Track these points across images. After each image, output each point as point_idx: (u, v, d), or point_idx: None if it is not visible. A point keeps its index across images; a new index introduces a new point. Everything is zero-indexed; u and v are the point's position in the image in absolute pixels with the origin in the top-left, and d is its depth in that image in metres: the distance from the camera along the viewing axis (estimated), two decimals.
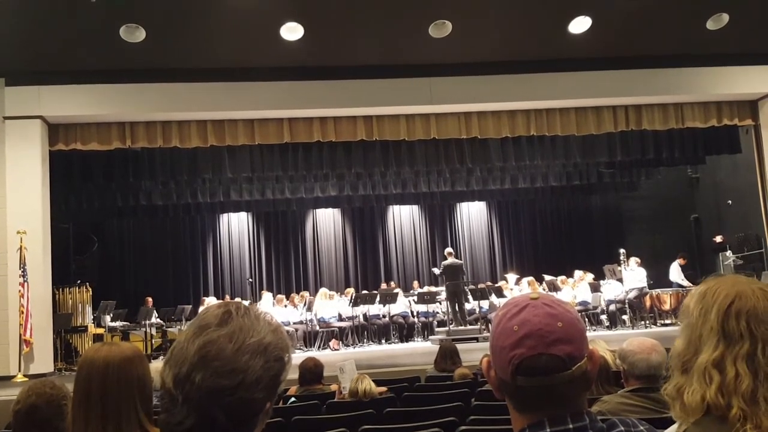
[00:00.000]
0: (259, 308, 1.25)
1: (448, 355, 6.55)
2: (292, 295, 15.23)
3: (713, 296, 1.36)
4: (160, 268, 17.18)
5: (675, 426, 1.42)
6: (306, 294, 14.97)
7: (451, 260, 13.67)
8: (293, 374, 5.70)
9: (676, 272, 14.40)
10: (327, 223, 18.43)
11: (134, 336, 13.34)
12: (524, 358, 1.16)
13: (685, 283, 14.01)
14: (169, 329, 13.89)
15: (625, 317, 13.77)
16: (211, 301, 13.88)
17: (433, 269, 15.28)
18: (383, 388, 5.17)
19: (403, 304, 14.50)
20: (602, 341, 4.77)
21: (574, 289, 14.37)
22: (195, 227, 17.81)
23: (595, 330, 13.39)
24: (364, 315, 14.05)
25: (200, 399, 1.12)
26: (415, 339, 14.19)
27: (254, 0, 9.83)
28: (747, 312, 1.31)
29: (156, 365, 3.68)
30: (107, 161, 12.02)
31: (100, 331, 12.78)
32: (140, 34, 10.15)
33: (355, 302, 13.76)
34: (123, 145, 11.34)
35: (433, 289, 15.25)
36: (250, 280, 17.28)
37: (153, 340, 13.45)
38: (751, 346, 1.29)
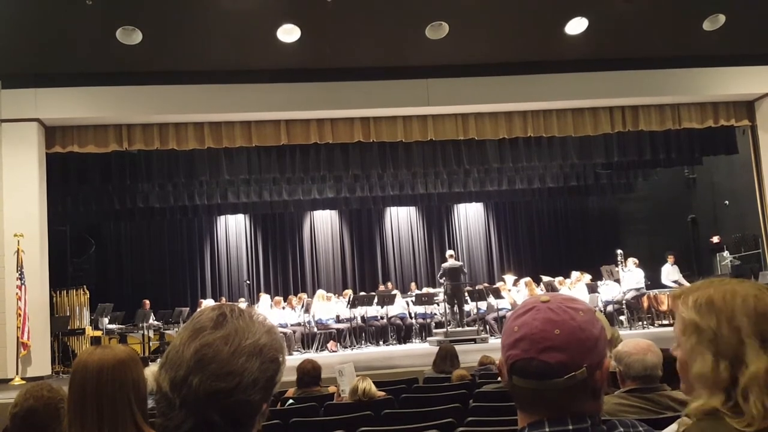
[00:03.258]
0: (253, 310, 1.25)
1: (447, 357, 6.54)
2: (289, 296, 15.21)
3: (727, 303, 1.28)
4: (157, 270, 17.16)
5: (674, 426, 1.42)
6: (304, 296, 14.95)
7: (450, 262, 13.67)
8: (291, 376, 5.70)
9: (674, 273, 14.38)
10: (324, 224, 18.43)
11: (132, 338, 13.33)
12: (517, 359, 1.17)
13: (684, 282, 14.00)
14: (167, 332, 13.88)
15: (622, 318, 13.77)
16: (208, 303, 13.86)
17: (438, 277, 15.01)
18: (381, 393, 5.15)
19: (400, 306, 14.49)
20: (616, 332, 4.75)
21: (571, 290, 14.35)
22: (192, 229, 17.80)
23: None
24: (362, 317, 14.04)
25: (198, 402, 1.12)
26: (413, 340, 14.18)
27: (251, 2, 9.83)
28: None
29: (151, 369, 3.67)
30: (104, 164, 11.99)
31: (98, 333, 12.75)
32: (137, 37, 10.14)
33: (353, 304, 13.75)
34: (120, 147, 11.33)
35: (431, 290, 15.24)
36: (248, 282, 17.27)
37: (150, 343, 13.43)
38: None
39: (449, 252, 14.39)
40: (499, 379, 1.31)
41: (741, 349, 1.24)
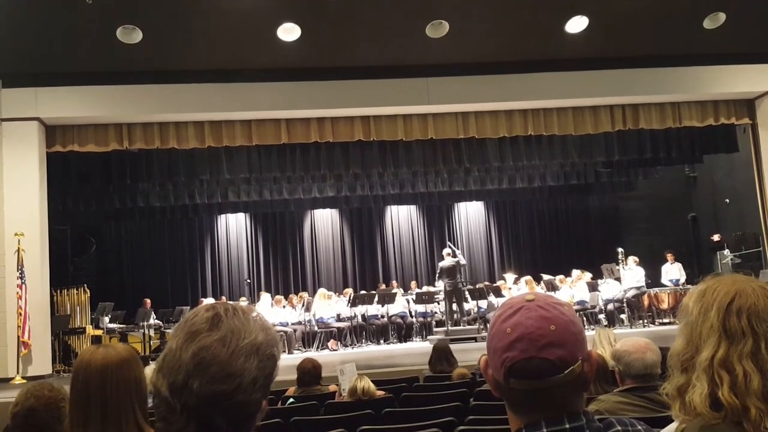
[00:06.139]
0: (246, 306, 1.24)
1: (443, 356, 6.49)
2: (290, 295, 15.22)
3: (713, 294, 1.36)
4: (158, 269, 17.16)
5: (673, 425, 1.42)
6: (304, 294, 14.96)
7: (447, 260, 13.68)
8: (292, 375, 5.70)
9: (674, 271, 14.38)
10: (325, 223, 18.42)
11: (132, 337, 13.33)
12: (516, 361, 1.15)
13: (684, 280, 13.98)
14: (168, 331, 13.87)
15: (623, 316, 13.77)
16: (209, 302, 13.85)
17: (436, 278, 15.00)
18: (381, 392, 5.15)
19: (401, 305, 14.49)
20: (611, 333, 4.77)
21: (572, 288, 14.37)
22: (193, 228, 17.80)
23: (593, 329, 13.37)
24: (363, 315, 14.04)
25: (199, 405, 1.12)
26: (414, 339, 14.18)
27: (251, 1, 9.83)
28: (747, 309, 1.31)
29: (152, 368, 3.67)
30: (104, 163, 11.99)
31: (98, 332, 12.76)
32: (137, 36, 10.14)
33: (354, 302, 13.75)
34: (120, 146, 11.33)
35: (432, 289, 15.24)
36: (248, 281, 17.27)
37: (151, 342, 13.44)
38: (754, 343, 1.29)
39: (446, 250, 14.37)
40: None
41: (703, 338, 1.33)
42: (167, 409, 1.14)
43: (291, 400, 5.21)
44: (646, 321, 13.68)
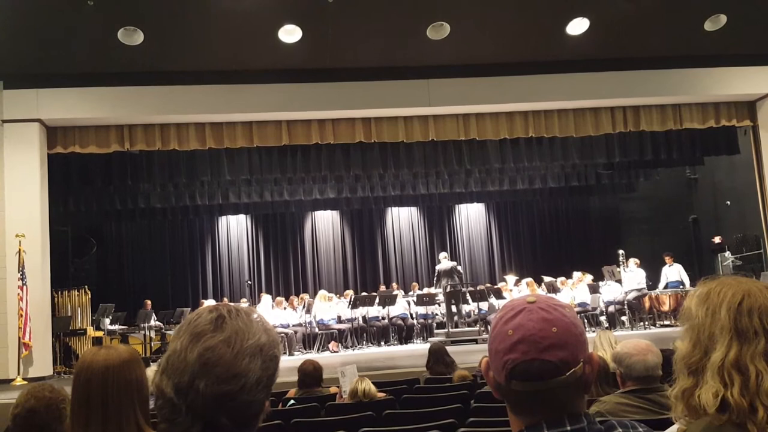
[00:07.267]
0: (247, 308, 1.25)
1: (440, 358, 6.47)
2: (291, 297, 15.21)
3: (719, 295, 1.35)
4: (158, 270, 17.17)
5: (674, 427, 1.42)
6: (305, 296, 14.95)
7: (444, 263, 13.69)
8: (293, 377, 5.70)
9: (673, 273, 14.34)
10: (326, 225, 18.43)
11: (133, 339, 13.33)
12: (517, 363, 1.15)
13: (687, 282, 13.93)
14: (168, 332, 13.87)
15: (624, 318, 13.76)
16: (210, 303, 13.84)
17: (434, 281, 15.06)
18: (381, 393, 5.15)
19: (402, 306, 14.49)
20: (612, 335, 4.78)
21: (573, 290, 14.36)
22: (194, 230, 17.81)
23: (594, 331, 13.37)
24: (363, 317, 14.04)
25: (205, 406, 1.12)
26: (415, 341, 14.17)
27: (252, 2, 9.84)
28: (758, 309, 1.31)
29: (153, 369, 3.67)
30: (106, 164, 11.99)
31: (99, 334, 12.75)
32: (138, 37, 10.15)
33: (354, 304, 13.75)
34: (121, 147, 11.34)
35: (432, 290, 15.24)
36: (249, 282, 17.27)
37: (152, 343, 13.44)
38: (766, 343, 1.29)
39: (443, 254, 14.38)
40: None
41: (714, 339, 1.32)
42: (172, 410, 1.14)
43: (292, 401, 5.21)
44: (647, 323, 13.66)
